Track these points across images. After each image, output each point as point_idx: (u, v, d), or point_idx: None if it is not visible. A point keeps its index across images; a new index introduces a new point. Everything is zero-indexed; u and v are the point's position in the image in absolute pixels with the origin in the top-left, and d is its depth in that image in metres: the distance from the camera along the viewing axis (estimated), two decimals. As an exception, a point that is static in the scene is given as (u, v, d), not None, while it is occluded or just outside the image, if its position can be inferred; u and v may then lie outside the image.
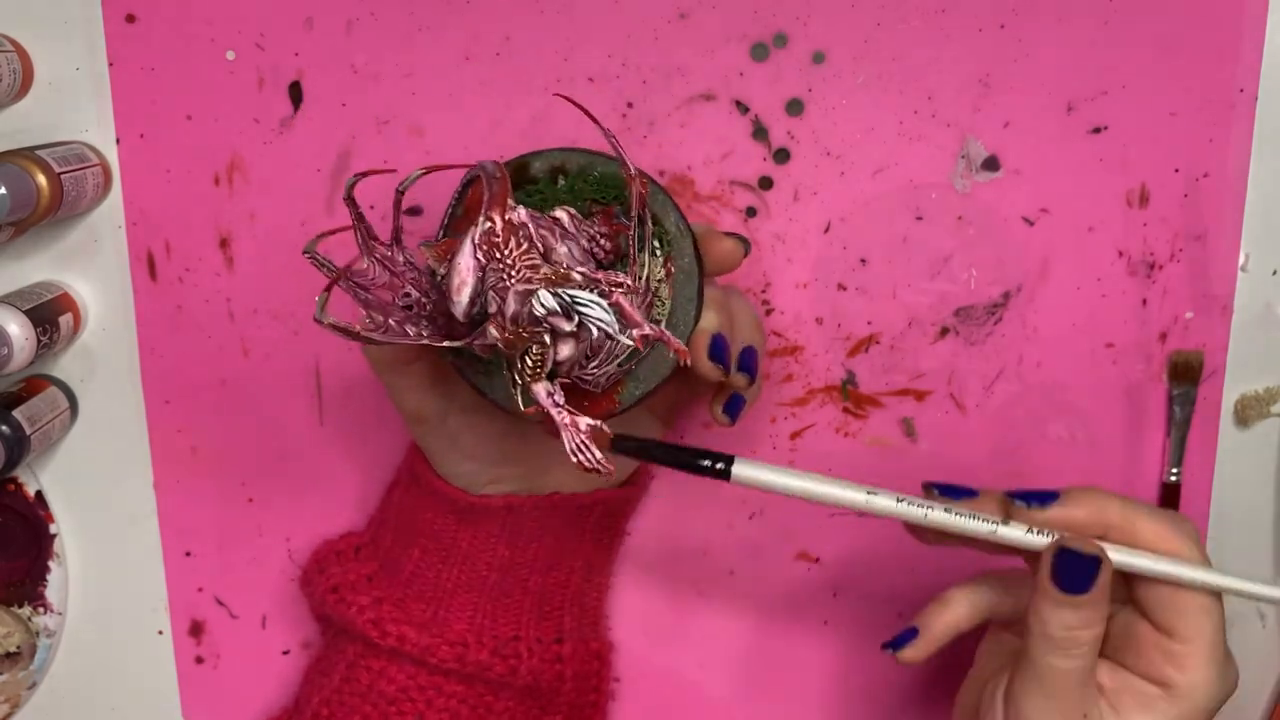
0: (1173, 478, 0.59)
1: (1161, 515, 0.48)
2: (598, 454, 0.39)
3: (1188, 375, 0.58)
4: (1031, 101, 0.56)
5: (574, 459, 0.39)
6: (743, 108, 0.57)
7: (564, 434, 0.39)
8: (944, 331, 0.58)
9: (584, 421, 0.39)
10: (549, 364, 0.39)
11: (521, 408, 0.41)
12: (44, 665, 0.62)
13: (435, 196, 0.58)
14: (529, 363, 0.39)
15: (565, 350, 0.39)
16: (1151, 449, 0.59)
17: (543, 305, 0.38)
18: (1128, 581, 0.48)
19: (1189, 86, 0.56)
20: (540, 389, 0.39)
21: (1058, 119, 0.56)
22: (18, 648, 0.61)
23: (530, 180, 0.47)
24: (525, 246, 0.39)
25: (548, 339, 0.39)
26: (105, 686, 0.63)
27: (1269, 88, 0.56)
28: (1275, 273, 0.58)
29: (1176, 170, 0.57)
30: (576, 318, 0.38)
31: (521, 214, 0.40)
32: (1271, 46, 0.55)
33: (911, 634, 0.51)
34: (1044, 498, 0.48)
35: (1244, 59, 0.56)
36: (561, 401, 0.39)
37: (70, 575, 0.62)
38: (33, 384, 0.58)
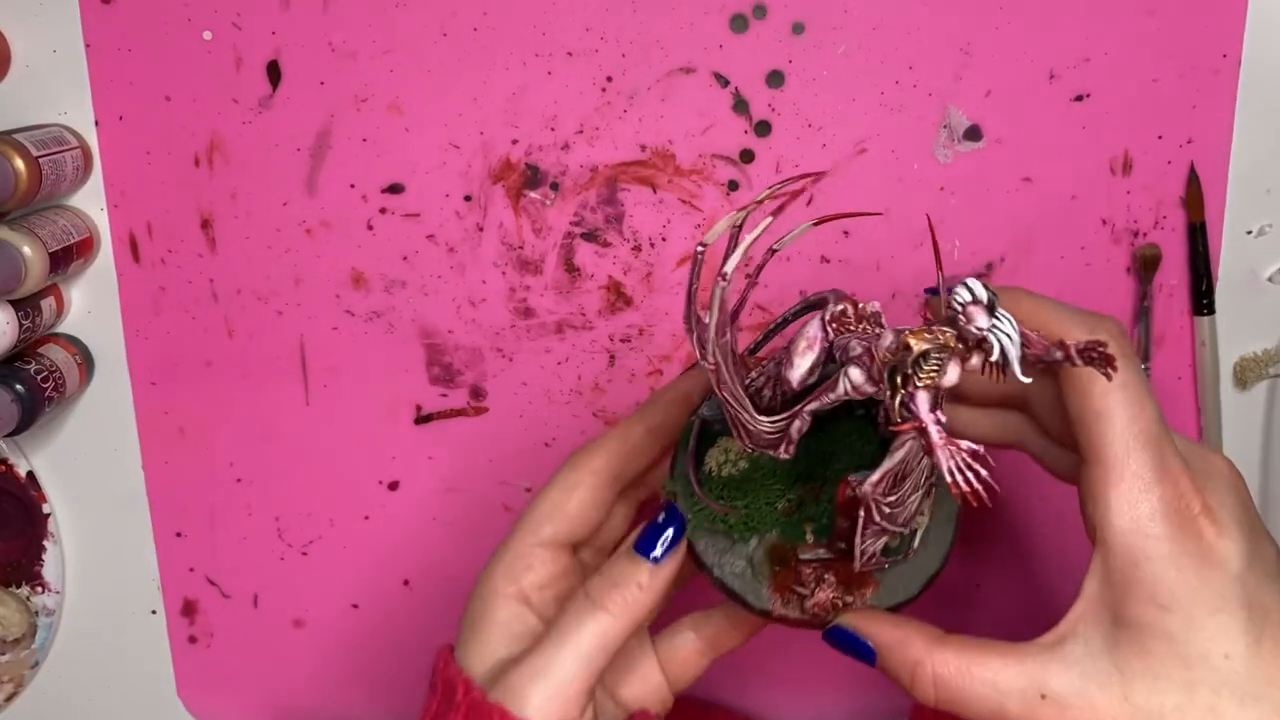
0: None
1: (1079, 314, 0.42)
2: (983, 472, 0.35)
3: (1149, 267, 0.58)
4: (1013, 70, 0.56)
5: (951, 478, 0.35)
6: (723, 80, 0.57)
7: (940, 452, 0.36)
8: (928, 303, 0.58)
9: (965, 443, 0.36)
10: (943, 375, 0.36)
11: (757, 602, 0.44)
12: (45, 644, 0.63)
13: (418, 173, 0.57)
14: (923, 367, 0.36)
15: (953, 374, 0.36)
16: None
17: (968, 291, 0.35)
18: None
19: (1171, 53, 0.55)
20: (924, 399, 0.36)
21: (1040, 87, 0.56)
22: (19, 637, 0.62)
23: None
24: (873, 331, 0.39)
25: (952, 341, 0.36)
26: (101, 666, 0.64)
27: (1252, 53, 0.55)
28: (1250, 232, 0.58)
29: (1160, 137, 0.56)
30: (989, 326, 0.35)
31: (875, 305, 0.40)
32: (1254, 11, 0.55)
33: None
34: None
35: (1226, 24, 0.55)
36: (944, 420, 0.36)
37: (66, 554, 0.62)
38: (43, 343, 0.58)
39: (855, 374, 0.38)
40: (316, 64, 0.56)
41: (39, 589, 0.62)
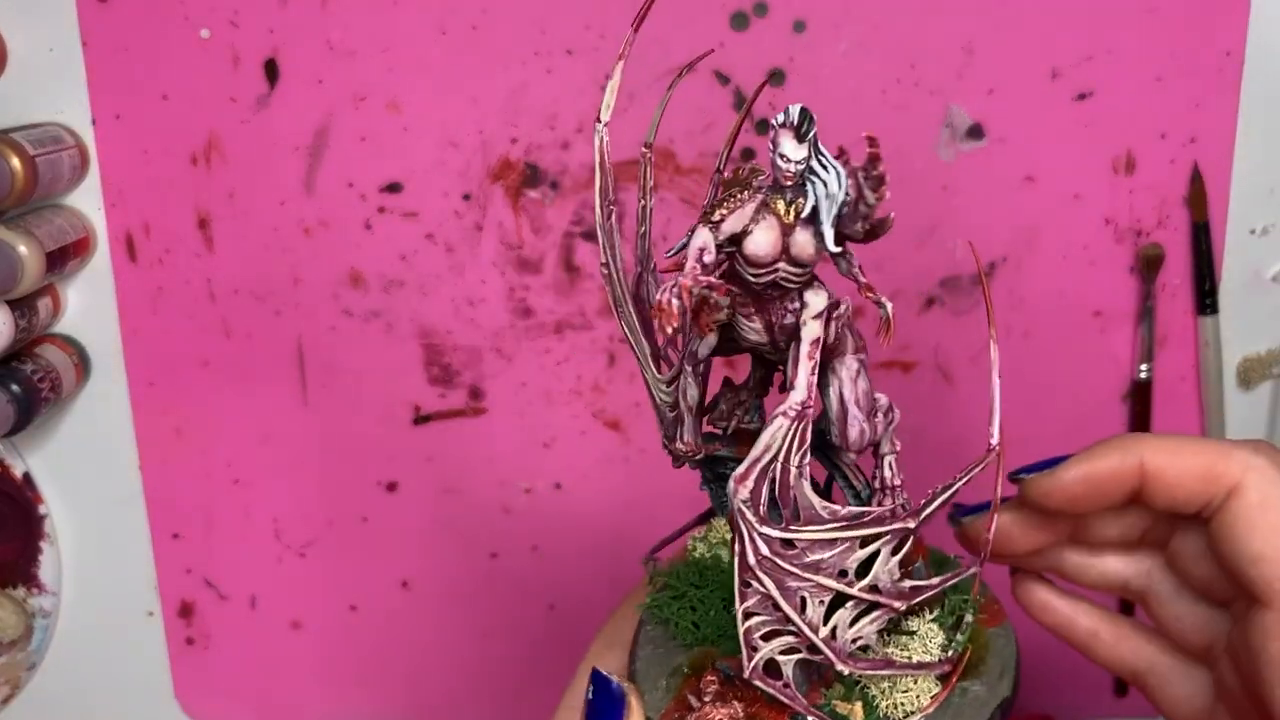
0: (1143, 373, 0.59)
1: (1210, 447, 0.36)
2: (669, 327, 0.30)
3: (1152, 266, 0.57)
4: (1015, 68, 0.56)
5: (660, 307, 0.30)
6: (723, 79, 0.56)
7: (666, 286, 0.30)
8: (930, 302, 0.58)
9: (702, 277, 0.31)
10: (733, 212, 0.32)
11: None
12: (42, 647, 0.63)
13: (416, 172, 0.57)
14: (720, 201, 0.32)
15: (761, 235, 0.32)
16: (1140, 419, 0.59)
17: (783, 114, 0.31)
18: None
19: (1175, 51, 0.55)
20: (699, 234, 0.31)
21: (1042, 86, 0.56)
22: (15, 639, 0.62)
23: None
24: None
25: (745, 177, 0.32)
26: (98, 668, 0.64)
27: (1255, 51, 0.55)
28: (1254, 232, 0.57)
29: (1163, 136, 0.56)
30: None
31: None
32: (1257, 9, 0.55)
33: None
34: (1051, 463, 0.38)
35: (1230, 22, 0.55)
36: (709, 260, 0.31)
37: (62, 556, 0.62)
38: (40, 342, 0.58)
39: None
40: (315, 62, 0.56)
41: (35, 590, 0.62)
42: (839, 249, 0.32)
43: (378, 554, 0.62)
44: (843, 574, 0.34)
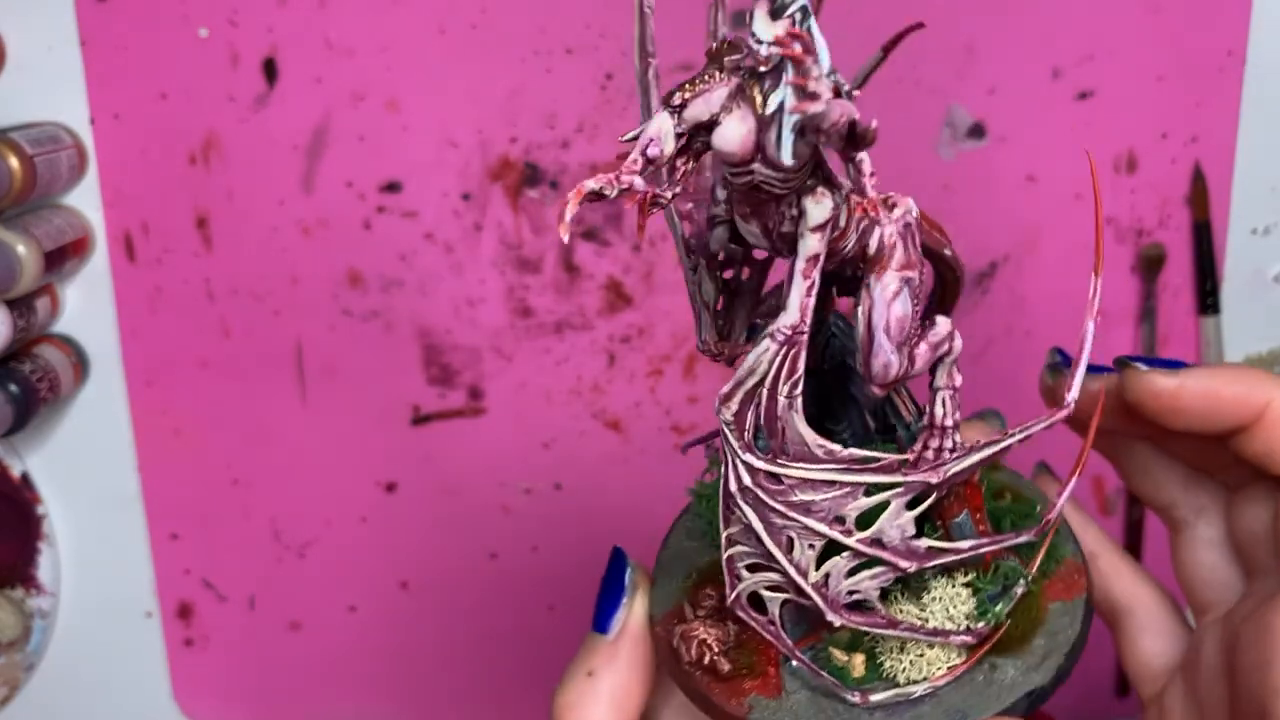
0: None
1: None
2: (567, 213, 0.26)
3: (1153, 266, 0.57)
4: (1017, 67, 0.55)
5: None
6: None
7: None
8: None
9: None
10: (692, 100, 0.26)
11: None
12: (40, 647, 0.63)
13: (415, 171, 0.57)
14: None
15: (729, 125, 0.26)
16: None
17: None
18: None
19: (1176, 50, 0.55)
20: (658, 118, 0.27)
21: (1044, 85, 0.56)
22: (13, 640, 0.62)
23: None
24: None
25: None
26: (96, 669, 0.64)
27: (1257, 50, 0.55)
28: (1256, 231, 0.57)
29: (1164, 135, 0.56)
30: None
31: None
32: (1259, 8, 0.55)
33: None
34: (1171, 364, 0.35)
35: (1231, 21, 0.55)
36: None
37: (61, 556, 0.62)
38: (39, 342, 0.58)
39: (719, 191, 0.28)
40: (313, 61, 0.56)
41: (33, 591, 0.62)
42: (793, 163, 0.26)
43: (377, 554, 0.62)
44: (839, 520, 0.30)
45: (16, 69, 0.56)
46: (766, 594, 0.31)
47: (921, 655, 0.31)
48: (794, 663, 0.31)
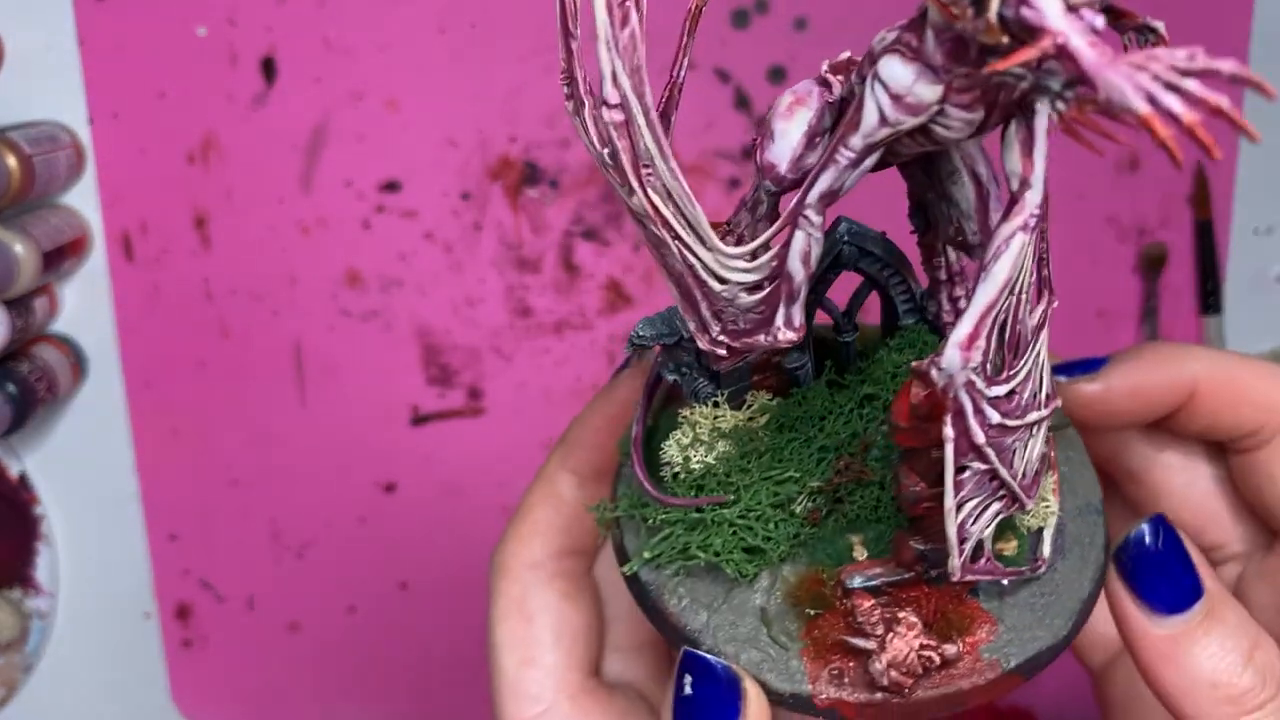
0: None
1: (1273, 371, 0.33)
2: (1214, 100, 0.19)
3: (1155, 266, 0.57)
4: (1018, 66, 0.55)
5: (1150, 117, 0.20)
6: (724, 76, 0.56)
7: (1112, 74, 0.20)
8: (931, 302, 0.58)
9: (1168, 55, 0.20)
10: None
11: (785, 684, 0.27)
12: (38, 648, 0.62)
13: (415, 170, 0.57)
14: None
15: None
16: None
17: None
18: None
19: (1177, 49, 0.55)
20: None
21: (1045, 84, 0.55)
22: (11, 640, 0.62)
23: None
24: None
25: None
26: (94, 670, 0.63)
27: (1259, 49, 0.55)
28: (1258, 231, 0.57)
29: (1166, 134, 0.56)
30: None
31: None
32: (1261, 8, 0.54)
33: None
34: (1090, 365, 0.34)
35: (1233, 20, 0.55)
36: (1099, 24, 0.20)
37: (59, 557, 0.62)
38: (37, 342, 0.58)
39: (896, 68, 0.23)
40: (312, 60, 0.56)
41: (31, 592, 0.62)
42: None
43: (376, 555, 0.62)
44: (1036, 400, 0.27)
45: (15, 68, 0.56)
46: (985, 535, 0.28)
47: (1041, 503, 0.29)
48: (982, 586, 0.28)
